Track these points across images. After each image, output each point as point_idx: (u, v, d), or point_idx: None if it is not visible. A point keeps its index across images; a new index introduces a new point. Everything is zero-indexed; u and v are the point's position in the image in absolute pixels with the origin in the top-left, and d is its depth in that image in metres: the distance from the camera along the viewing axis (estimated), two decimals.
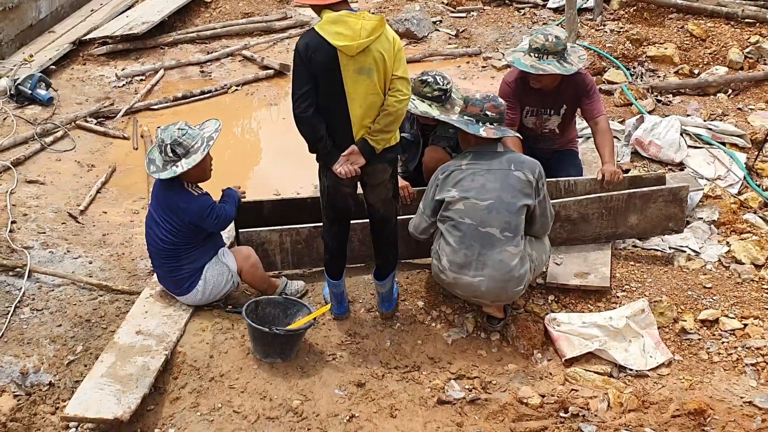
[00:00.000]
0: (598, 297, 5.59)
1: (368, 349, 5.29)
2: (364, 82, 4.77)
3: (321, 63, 4.72)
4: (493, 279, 5.10)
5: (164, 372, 5.02)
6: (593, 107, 6.19)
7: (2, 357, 5.17)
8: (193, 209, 5.22)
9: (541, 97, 6.22)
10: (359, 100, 4.80)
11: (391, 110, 4.83)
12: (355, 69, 4.74)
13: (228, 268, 5.41)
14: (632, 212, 5.89)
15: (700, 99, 8.22)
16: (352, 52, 4.70)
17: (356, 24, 4.70)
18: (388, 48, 4.78)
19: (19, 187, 6.96)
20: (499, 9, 10.57)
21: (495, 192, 5.11)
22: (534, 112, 6.29)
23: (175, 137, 5.16)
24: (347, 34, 4.69)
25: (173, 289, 5.42)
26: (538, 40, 6.01)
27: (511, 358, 5.29)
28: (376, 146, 4.89)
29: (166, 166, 5.20)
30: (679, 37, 9.35)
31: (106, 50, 9.53)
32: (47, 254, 6.06)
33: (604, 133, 6.13)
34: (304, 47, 4.75)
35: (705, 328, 5.38)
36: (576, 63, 6.06)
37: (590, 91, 6.20)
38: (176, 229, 5.25)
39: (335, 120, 4.86)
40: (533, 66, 5.98)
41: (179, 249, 5.31)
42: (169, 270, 5.37)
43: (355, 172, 4.91)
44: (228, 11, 10.57)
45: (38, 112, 8.17)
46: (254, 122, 8.68)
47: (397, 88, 4.84)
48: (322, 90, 4.80)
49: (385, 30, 4.79)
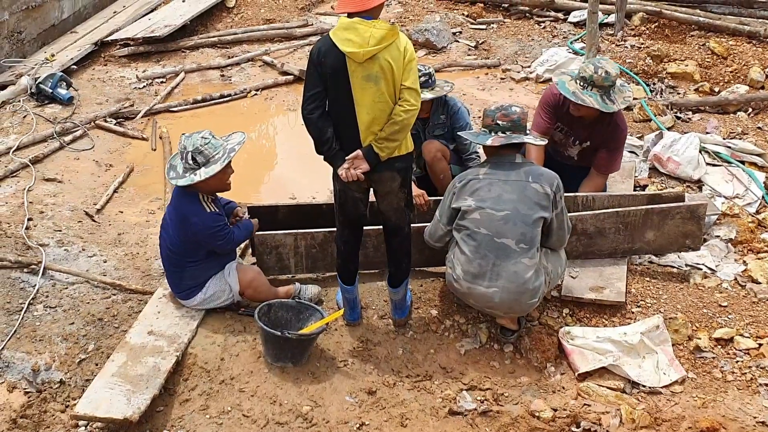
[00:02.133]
0: (612, 312, 5.56)
1: (380, 357, 5.27)
2: (372, 89, 4.79)
3: (331, 67, 4.78)
4: (507, 290, 5.07)
5: (175, 373, 5.02)
6: (607, 162, 6.17)
7: (14, 353, 5.17)
8: (201, 225, 5.20)
9: (573, 123, 6.19)
10: (367, 107, 4.83)
11: (397, 119, 4.83)
12: (363, 76, 4.77)
13: (230, 288, 5.41)
14: (649, 228, 5.86)
15: (719, 117, 8.18)
16: (359, 58, 4.73)
17: (366, 32, 4.72)
18: (397, 57, 4.79)
19: (37, 185, 6.99)
20: (519, 22, 10.57)
21: (511, 203, 5.09)
22: (563, 131, 6.27)
23: (197, 145, 5.17)
24: (356, 40, 4.72)
25: (175, 291, 5.45)
26: (588, 70, 5.94)
27: (524, 371, 5.26)
28: (380, 153, 4.89)
29: (185, 173, 5.21)
30: (700, 54, 9.32)
31: (128, 52, 9.58)
32: (62, 252, 6.08)
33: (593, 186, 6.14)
34: (317, 51, 4.83)
35: (719, 347, 5.34)
36: (619, 103, 5.97)
37: (615, 147, 6.16)
38: (180, 240, 5.25)
39: (344, 124, 4.90)
40: (575, 93, 5.94)
41: (183, 260, 5.31)
42: (174, 276, 5.40)
43: (358, 176, 4.92)
44: (250, 17, 10.60)
45: (58, 111, 8.20)
46: (272, 127, 8.69)
47: (405, 98, 4.85)
48: (332, 94, 4.86)
49: (398, 40, 4.81)
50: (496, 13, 10.81)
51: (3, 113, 8.10)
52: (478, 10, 10.79)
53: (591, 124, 6.12)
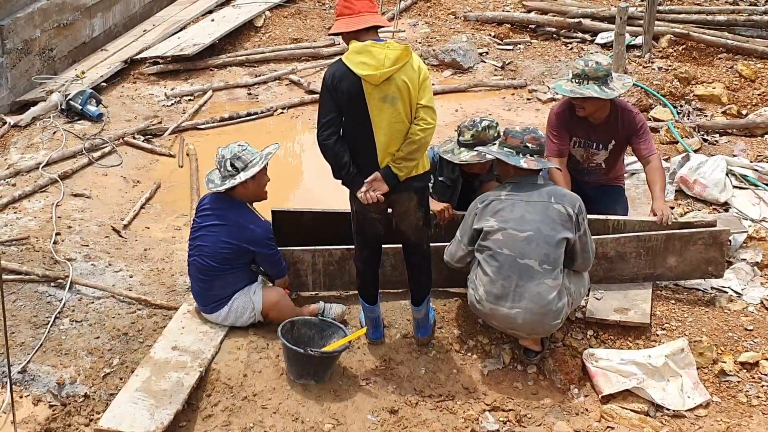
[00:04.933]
0: (637, 334, 5.52)
1: (402, 376, 5.26)
2: (389, 110, 4.82)
3: (346, 92, 4.79)
4: (530, 311, 5.06)
5: (198, 389, 5.04)
6: (645, 146, 6.14)
7: (40, 367, 5.22)
8: (261, 231, 5.32)
9: (589, 130, 6.18)
10: (384, 128, 4.85)
11: (414, 138, 4.86)
12: (379, 97, 4.80)
13: (254, 306, 5.43)
14: (671, 254, 5.80)
15: (747, 140, 8.13)
16: (375, 81, 4.76)
17: (380, 54, 4.76)
18: (412, 77, 4.83)
19: (66, 200, 7.07)
20: (547, 43, 10.57)
21: (534, 224, 5.09)
22: (582, 144, 6.25)
23: (235, 152, 5.34)
24: (371, 63, 4.75)
25: (200, 304, 5.48)
26: (579, 66, 5.99)
27: (548, 392, 5.24)
28: (399, 174, 4.91)
29: (225, 180, 5.33)
30: (727, 77, 9.28)
31: (157, 70, 9.68)
32: (89, 267, 6.13)
33: (656, 171, 6.06)
34: (330, 77, 4.84)
35: (745, 371, 5.29)
36: (618, 89, 6.00)
37: (641, 130, 6.14)
38: (229, 246, 5.29)
39: (361, 147, 4.91)
40: (573, 90, 5.96)
41: (218, 269, 5.34)
42: (202, 287, 5.42)
43: (378, 198, 4.94)
44: (277, 36, 10.68)
45: (87, 128, 8.29)
46: (297, 144, 8.75)
47: (422, 117, 4.87)
48: (348, 118, 4.87)
49: (411, 59, 4.85)
50: (523, 33, 10.82)
51: (33, 129, 8.20)
52: (505, 30, 10.81)
53: (605, 122, 6.12)
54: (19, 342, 5.40)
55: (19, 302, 5.71)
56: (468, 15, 11.17)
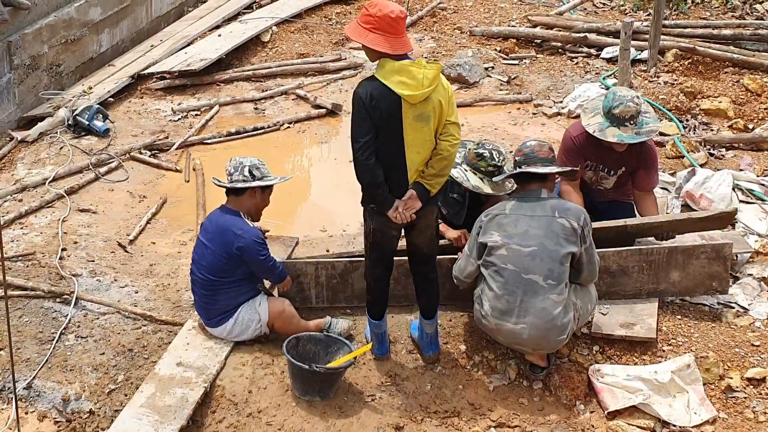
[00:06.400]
0: (643, 350, 5.50)
1: (408, 392, 5.25)
2: (423, 128, 4.86)
3: (385, 111, 4.80)
4: (536, 327, 5.05)
5: (202, 405, 5.04)
6: (648, 179, 6.20)
7: (45, 383, 5.23)
8: (247, 237, 5.32)
9: (602, 155, 6.17)
10: (417, 146, 4.89)
11: (445, 154, 4.92)
12: (414, 116, 4.82)
13: (259, 317, 5.44)
14: (674, 268, 5.78)
15: (753, 154, 8.11)
16: (416, 100, 4.79)
17: (419, 73, 4.78)
18: (444, 95, 4.91)
19: (72, 216, 7.08)
20: (552, 57, 10.57)
21: (538, 239, 5.08)
22: (593, 167, 6.26)
23: (255, 163, 5.51)
24: (411, 83, 4.77)
25: (205, 318, 5.48)
26: (630, 109, 5.89)
27: (553, 408, 5.22)
28: (432, 190, 4.97)
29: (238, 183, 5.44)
30: (734, 91, 9.27)
31: (164, 85, 9.70)
32: (95, 282, 6.15)
33: (651, 204, 6.15)
34: (368, 96, 4.80)
35: (751, 387, 5.27)
36: (651, 113, 6.07)
37: (651, 163, 6.18)
38: (221, 256, 5.30)
39: (392, 166, 4.94)
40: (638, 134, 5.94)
41: (220, 280, 5.35)
42: (206, 301, 5.43)
43: (411, 217, 4.95)
44: (284, 51, 10.70)
45: (94, 143, 8.32)
46: (305, 159, 8.75)
47: (450, 133, 4.94)
48: (382, 137, 4.87)
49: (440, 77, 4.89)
50: (529, 48, 10.82)
51: (41, 144, 8.23)
52: (510, 45, 10.81)
53: (621, 152, 6.12)
54: (24, 358, 5.41)
55: (24, 318, 5.72)
56: (474, 30, 11.18)
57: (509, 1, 12.21)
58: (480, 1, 12.14)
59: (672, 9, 11.49)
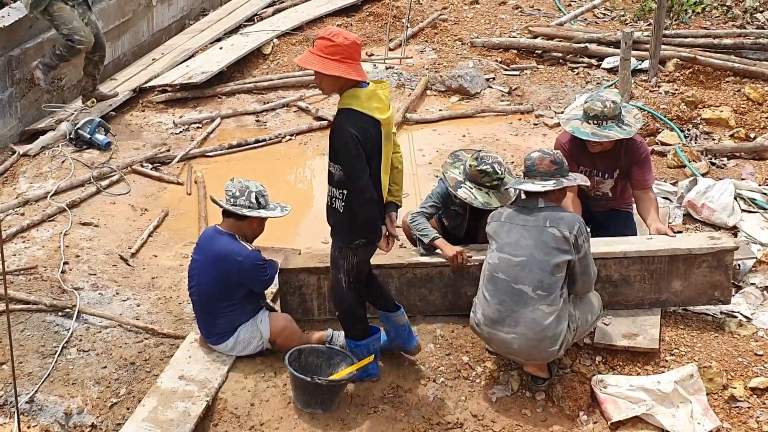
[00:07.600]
0: (646, 360, 5.49)
1: (411, 403, 5.24)
2: (389, 147, 4.91)
3: (374, 139, 4.80)
4: (526, 337, 5.04)
5: (205, 418, 5.03)
6: (642, 176, 6.19)
7: (48, 396, 5.23)
8: (248, 262, 5.28)
9: (595, 159, 6.20)
10: (386, 166, 4.93)
11: (400, 167, 5.05)
12: (385, 136, 4.86)
13: (261, 334, 5.43)
14: (675, 277, 5.77)
15: (755, 163, 8.11)
16: (388, 121, 4.82)
17: (383, 94, 4.83)
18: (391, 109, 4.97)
19: (73, 229, 7.08)
20: (553, 68, 10.59)
21: (528, 249, 5.08)
22: (588, 173, 6.26)
23: (260, 189, 5.41)
24: (382, 106, 4.81)
25: (205, 336, 5.47)
26: (597, 108, 6.00)
27: (556, 419, 5.21)
28: (400, 204, 5.06)
29: (240, 208, 5.34)
30: (735, 100, 9.27)
31: (165, 98, 9.72)
32: (97, 296, 6.15)
33: (650, 201, 6.14)
34: (361, 131, 4.73)
35: (755, 396, 5.25)
36: (634, 124, 6.07)
37: (643, 160, 6.19)
38: (217, 282, 5.28)
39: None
40: (595, 134, 5.98)
41: (217, 304, 5.34)
42: (205, 322, 5.42)
43: (396, 239, 5.01)
44: (285, 63, 10.73)
45: (96, 156, 8.33)
46: (307, 171, 8.77)
47: (397, 144, 5.02)
48: (369, 166, 4.83)
49: None
50: (530, 59, 10.84)
51: (42, 158, 8.25)
52: (511, 56, 10.83)
53: (611, 153, 6.15)
54: (26, 372, 5.41)
55: (26, 332, 5.72)
56: (475, 41, 11.20)
57: (510, 12, 12.25)
58: (481, 13, 12.17)
59: (672, 19, 11.50)
